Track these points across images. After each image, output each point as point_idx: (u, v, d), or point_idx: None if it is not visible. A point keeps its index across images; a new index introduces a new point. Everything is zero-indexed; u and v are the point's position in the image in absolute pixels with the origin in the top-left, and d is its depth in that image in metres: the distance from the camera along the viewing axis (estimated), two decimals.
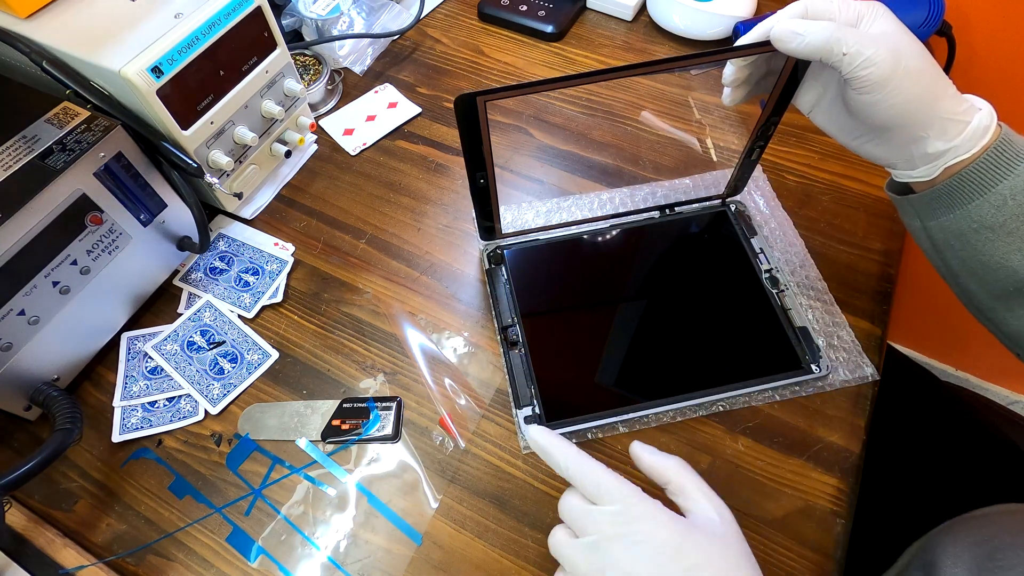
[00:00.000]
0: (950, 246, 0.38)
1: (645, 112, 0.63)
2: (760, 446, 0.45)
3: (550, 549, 0.34)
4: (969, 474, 0.55)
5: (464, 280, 0.54)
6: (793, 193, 0.58)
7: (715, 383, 0.46)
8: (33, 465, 0.38)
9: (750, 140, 0.48)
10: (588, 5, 0.74)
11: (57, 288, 0.43)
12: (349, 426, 0.46)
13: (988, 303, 0.39)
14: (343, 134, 0.64)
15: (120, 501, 0.44)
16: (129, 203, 0.46)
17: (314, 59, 0.65)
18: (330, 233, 0.57)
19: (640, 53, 0.70)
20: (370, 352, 0.50)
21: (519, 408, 0.46)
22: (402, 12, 0.71)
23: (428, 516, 0.43)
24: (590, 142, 0.63)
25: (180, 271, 0.54)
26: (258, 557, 0.42)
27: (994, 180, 0.35)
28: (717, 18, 0.66)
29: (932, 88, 0.34)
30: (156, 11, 0.45)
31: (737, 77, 0.41)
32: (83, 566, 0.41)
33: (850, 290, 0.52)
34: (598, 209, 0.57)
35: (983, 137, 0.35)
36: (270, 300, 0.53)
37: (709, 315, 0.51)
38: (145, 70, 0.42)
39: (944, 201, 0.37)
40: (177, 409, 0.48)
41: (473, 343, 0.51)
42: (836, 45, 0.33)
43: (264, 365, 0.50)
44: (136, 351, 0.50)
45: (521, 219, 0.56)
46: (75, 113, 0.43)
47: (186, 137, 0.47)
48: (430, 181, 0.60)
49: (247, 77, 0.50)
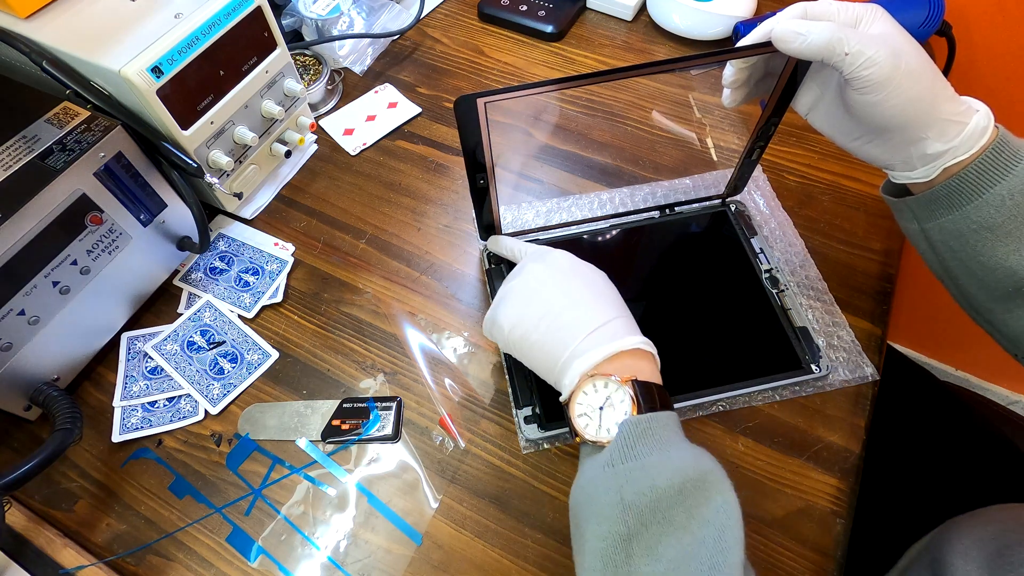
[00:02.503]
0: (948, 247, 0.38)
1: (656, 112, 0.63)
2: (760, 446, 0.45)
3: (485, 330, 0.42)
4: (969, 474, 0.55)
5: (464, 280, 0.54)
6: (793, 193, 0.58)
7: (715, 383, 0.46)
8: (33, 465, 0.38)
9: (750, 140, 0.48)
10: (588, 5, 0.74)
11: (57, 288, 0.43)
12: (349, 426, 0.46)
13: (986, 304, 0.39)
14: (343, 134, 0.64)
15: (120, 501, 0.44)
16: (129, 203, 0.46)
17: (314, 59, 0.65)
18: (330, 233, 0.57)
19: (640, 53, 0.70)
20: (370, 352, 0.50)
21: (519, 408, 0.46)
22: (402, 12, 0.71)
23: (428, 516, 0.43)
24: (590, 142, 0.63)
25: (180, 271, 0.54)
26: (258, 557, 0.42)
27: (992, 181, 0.35)
28: (717, 18, 0.66)
29: (931, 89, 0.34)
30: (156, 11, 0.45)
31: (737, 78, 0.41)
32: (83, 566, 0.41)
33: (850, 290, 0.52)
34: (598, 209, 0.57)
35: (981, 138, 0.35)
36: (270, 300, 0.53)
37: (709, 315, 0.51)
38: (145, 70, 0.42)
39: (942, 202, 0.37)
40: (177, 409, 0.48)
41: (473, 343, 0.51)
42: (838, 45, 0.33)
43: (264, 365, 0.50)
44: (136, 351, 0.50)
45: (521, 219, 0.56)
46: (75, 113, 0.43)
47: (186, 137, 0.47)
48: (430, 181, 0.60)
49: (247, 77, 0.50)
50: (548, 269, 0.40)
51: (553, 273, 0.40)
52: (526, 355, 0.39)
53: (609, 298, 0.39)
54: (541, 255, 0.42)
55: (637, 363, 0.36)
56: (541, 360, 0.38)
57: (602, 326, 0.36)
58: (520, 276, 0.40)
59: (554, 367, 0.37)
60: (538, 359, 0.38)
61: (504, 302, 0.40)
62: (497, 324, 0.40)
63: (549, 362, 0.37)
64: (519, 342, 0.38)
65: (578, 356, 0.36)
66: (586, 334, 0.36)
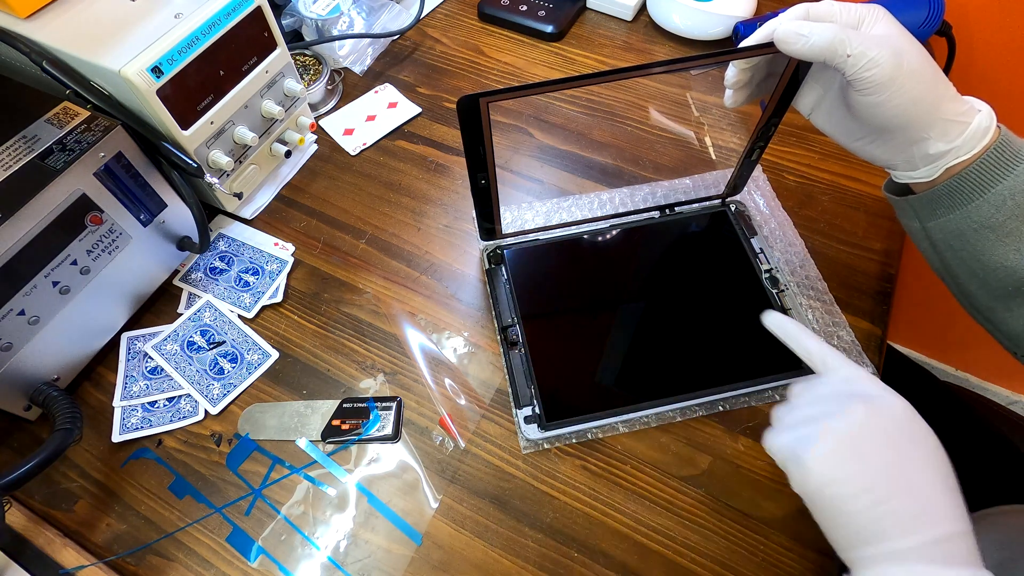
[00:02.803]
0: (950, 246, 0.38)
1: (653, 111, 0.63)
2: (760, 446, 0.45)
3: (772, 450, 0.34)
4: (968, 474, 0.55)
5: (464, 280, 0.54)
6: (793, 193, 0.58)
7: (715, 383, 0.46)
8: (33, 465, 0.38)
9: (750, 140, 0.48)
10: (588, 5, 0.74)
11: (57, 288, 0.43)
12: (349, 426, 0.46)
13: (987, 303, 0.39)
14: (343, 134, 0.64)
15: (120, 501, 0.44)
16: (129, 203, 0.46)
17: (314, 59, 0.65)
18: (330, 233, 0.57)
19: (640, 53, 0.70)
20: (370, 352, 0.50)
21: (519, 408, 0.46)
22: (402, 12, 0.71)
23: (428, 516, 0.43)
24: (590, 142, 0.63)
25: (180, 271, 0.54)
26: (258, 557, 0.42)
27: (994, 180, 0.35)
28: (717, 18, 0.66)
29: (934, 89, 0.34)
30: (156, 11, 0.45)
31: (739, 79, 0.41)
32: (83, 566, 0.41)
33: (850, 290, 0.52)
34: (598, 209, 0.57)
35: (983, 138, 0.35)
36: (270, 300, 0.53)
37: (709, 315, 0.51)
38: (145, 70, 0.42)
39: (944, 201, 0.37)
40: (177, 409, 0.48)
41: (473, 343, 0.51)
42: (840, 46, 0.33)
43: (264, 365, 0.50)
44: (136, 351, 0.50)
45: (521, 219, 0.56)
46: (75, 113, 0.43)
47: (186, 137, 0.47)
48: (430, 181, 0.60)
49: (247, 77, 0.50)
50: (887, 425, 0.32)
51: (890, 431, 0.31)
52: (824, 516, 0.32)
53: (954, 495, 0.30)
54: (876, 395, 0.33)
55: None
56: (841, 531, 0.31)
57: (946, 539, 0.29)
58: (846, 420, 0.32)
59: (859, 548, 0.30)
60: (838, 527, 0.31)
61: (817, 447, 0.31)
62: (803, 466, 0.32)
63: (854, 540, 0.30)
64: (825, 501, 0.31)
65: (902, 561, 0.29)
66: (923, 540, 0.29)
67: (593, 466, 0.45)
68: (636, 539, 0.42)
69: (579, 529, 0.43)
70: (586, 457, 0.45)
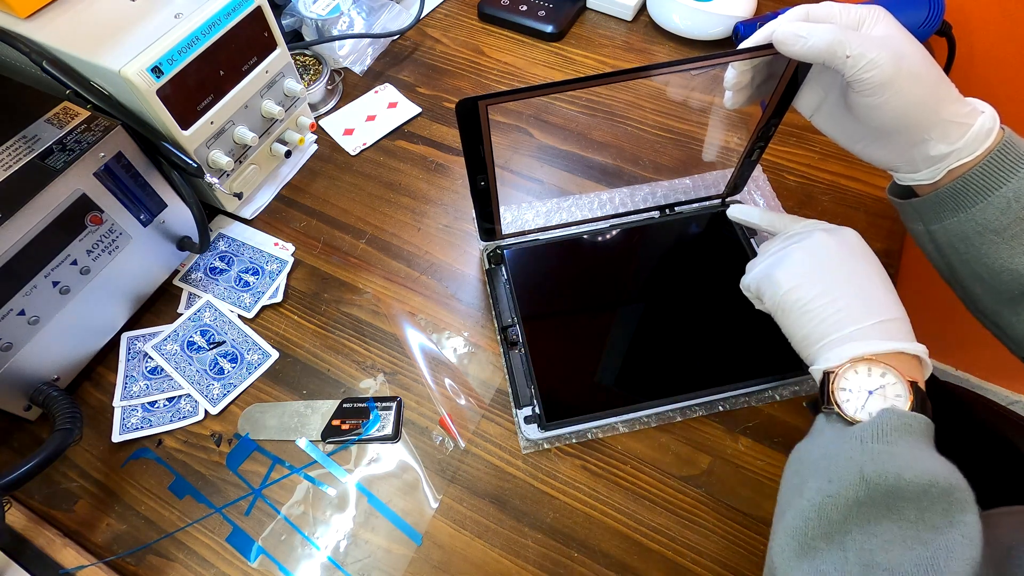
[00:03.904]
0: (954, 249, 0.38)
1: None
2: (760, 446, 0.45)
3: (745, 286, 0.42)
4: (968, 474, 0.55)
5: (464, 280, 0.54)
6: (793, 193, 0.58)
7: (715, 383, 0.46)
8: (33, 465, 0.38)
9: (750, 140, 0.48)
10: (588, 5, 0.74)
11: (57, 288, 0.43)
12: (349, 426, 0.46)
13: (993, 307, 0.38)
14: (343, 134, 0.64)
15: (120, 501, 0.44)
16: (129, 203, 0.46)
17: (314, 59, 0.65)
18: (330, 233, 0.57)
19: (640, 53, 0.70)
20: (370, 352, 0.50)
21: (519, 408, 0.46)
22: (402, 12, 0.71)
23: (428, 516, 0.43)
24: (590, 142, 0.63)
25: (180, 271, 0.54)
26: (258, 557, 0.42)
27: (998, 183, 0.34)
28: (717, 18, 0.66)
29: (935, 91, 0.34)
30: (156, 11, 0.45)
31: (739, 81, 0.41)
32: (83, 566, 0.41)
33: None
34: (598, 209, 0.57)
35: (986, 140, 0.35)
36: (270, 300, 0.53)
37: (709, 315, 0.51)
38: (145, 70, 0.42)
39: (948, 204, 0.36)
40: (177, 409, 0.48)
41: (473, 343, 0.51)
42: (839, 48, 0.33)
43: (264, 365, 0.50)
44: (136, 351, 0.50)
45: (521, 219, 0.56)
46: (75, 113, 0.43)
47: (186, 137, 0.47)
48: (430, 181, 0.60)
49: (247, 77, 0.50)
50: (839, 245, 0.39)
51: (842, 250, 0.39)
52: (791, 318, 0.38)
53: (893, 293, 0.38)
54: (831, 228, 0.41)
55: (912, 369, 0.35)
56: (806, 328, 0.37)
57: (888, 321, 0.36)
58: (807, 242, 0.40)
59: (820, 339, 0.36)
60: (803, 326, 0.37)
61: (785, 263, 0.39)
62: (774, 280, 0.39)
63: (816, 333, 0.37)
64: (791, 304, 0.38)
65: (856, 340, 0.35)
66: (871, 323, 0.35)
67: (593, 466, 0.45)
68: (636, 539, 0.42)
69: (579, 529, 0.43)
70: (586, 457, 0.45)
